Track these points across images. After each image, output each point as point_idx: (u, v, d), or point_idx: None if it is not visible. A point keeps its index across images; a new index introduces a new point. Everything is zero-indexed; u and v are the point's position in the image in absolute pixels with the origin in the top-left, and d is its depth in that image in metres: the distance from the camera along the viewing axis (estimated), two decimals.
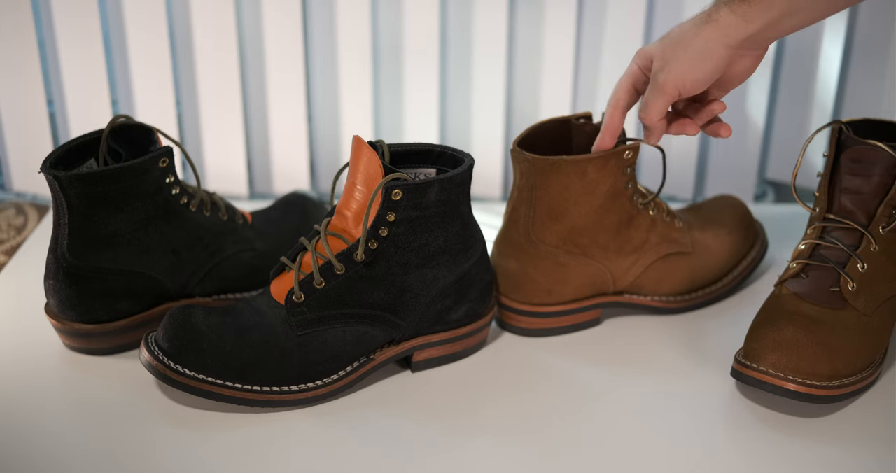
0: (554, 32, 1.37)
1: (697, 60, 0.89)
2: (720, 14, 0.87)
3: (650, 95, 0.93)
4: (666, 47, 0.91)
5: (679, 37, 0.90)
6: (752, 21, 0.86)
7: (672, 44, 0.90)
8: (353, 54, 1.38)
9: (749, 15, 0.86)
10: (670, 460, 0.85)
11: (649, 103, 0.93)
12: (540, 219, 1.00)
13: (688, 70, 0.90)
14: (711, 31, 0.88)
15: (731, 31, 0.87)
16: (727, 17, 0.87)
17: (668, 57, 0.90)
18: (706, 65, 0.89)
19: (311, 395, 0.91)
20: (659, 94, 0.92)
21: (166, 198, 0.97)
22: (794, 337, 0.89)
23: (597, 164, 0.97)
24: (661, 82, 0.91)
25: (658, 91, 0.92)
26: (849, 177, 0.97)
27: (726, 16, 0.87)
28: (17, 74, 1.35)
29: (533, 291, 1.02)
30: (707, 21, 0.88)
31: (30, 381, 0.95)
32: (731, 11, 0.87)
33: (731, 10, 0.87)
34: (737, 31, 0.87)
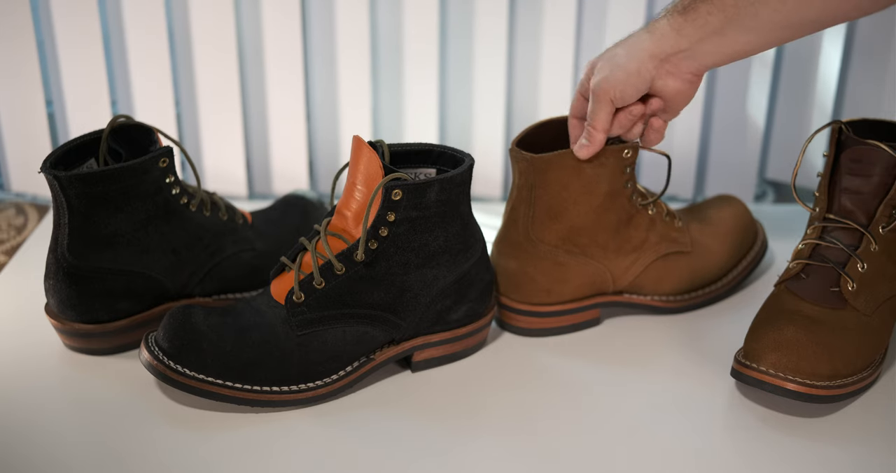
0: (554, 33, 1.37)
1: (625, 68, 0.91)
2: (658, 25, 0.89)
3: (590, 104, 0.94)
4: (603, 55, 0.93)
5: (616, 47, 0.92)
6: (685, 36, 0.88)
7: (609, 52, 0.93)
8: (352, 54, 1.38)
9: (683, 29, 0.88)
10: (670, 460, 0.85)
11: (593, 115, 0.94)
12: (539, 219, 1.00)
13: (617, 78, 0.91)
14: (645, 40, 0.90)
15: (662, 42, 0.89)
16: (663, 27, 0.89)
17: (602, 65, 0.92)
18: (632, 74, 0.91)
19: (311, 395, 0.91)
20: (595, 103, 0.93)
21: (166, 198, 0.97)
22: (794, 337, 0.89)
23: (594, 162, 0.97)
24: (594, 90, 0.93)
25: (594, 100, 0.93)
26: (849, 177, 0.97)
27: (662, 26, 0.89)
28: (17, 75, 1.35)
29: (532, 291, 1.02)
30: (646, 30, 0.90)
31: (30, 381, 0.95)
32: (667, 23, 0.89)
33: (668, 23, 0.89)
34: (668, 44, 0.89)
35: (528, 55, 1.40)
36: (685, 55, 0.89)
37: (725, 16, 0.86)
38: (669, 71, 0.92)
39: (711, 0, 0.87)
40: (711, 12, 0.87)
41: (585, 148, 0.95)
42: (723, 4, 0.86)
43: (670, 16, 0.89)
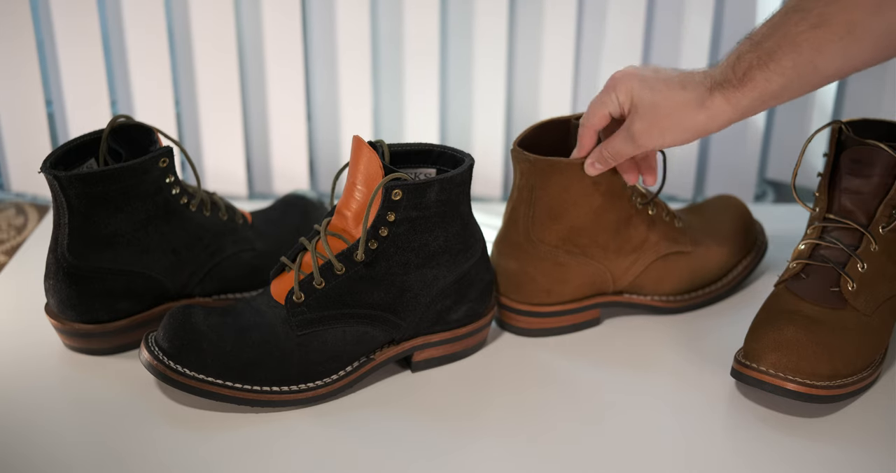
0: (554, 33, 1.37)
1: (678, 135, 0.90)
2: (714, 101, 0.87)
3: (622, 143, 0.93)
4: (653, 110, 0.90)
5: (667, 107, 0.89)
6: (741, 109, 0.87)
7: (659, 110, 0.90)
8: (352, 54, 1.38)
9: (741, 102, 0.86)
10: (670, 459, 0.85)
11: (619, 150, 0.94)
12: (539, 219, 1.00)
13: (668, 140, 0.91)
14: (701, 116, 0.88)
15: (719, 117, 0.88)
16: (720, 105, 0.87)
17: (652, 118, 0.90)
18: (686, 141, 0.91)
19: (311, 395, 0.91)
20: (631, 147, 0.93)
21: (166, 198, 0.97)
22: (794, 337, 0.89)
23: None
24: (638, 139, 0.92)
25: (632, 144, 0.93)
26: (849, 177, 0.97)
27: (719, 104, 0.87)
28: (17, 75, 1.35)
29: (533, 291, 1.02)
30: (699, 106, 0.88)
31: (30, 381, 0.95)
32: (725, 100, 0.87)
33: (726, 99, 0.87)
34: (725, 118, 0.88)
35: (528, 55, 1.40)
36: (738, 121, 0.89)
37: (785, 79, 0.84)
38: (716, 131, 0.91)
39: (767, 66, 0.84)
40: (770, 79, 0.84)
41: (598, 170, 0.96)
42: (781, 68, 0.83)
43: (726, 90, 0.86)
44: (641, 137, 0.92)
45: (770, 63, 0.84)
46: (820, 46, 0.81)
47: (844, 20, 0.80)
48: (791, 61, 0.83)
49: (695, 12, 1.36)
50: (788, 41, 0.82)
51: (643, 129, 0.91)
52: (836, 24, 0.80)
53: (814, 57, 0.82)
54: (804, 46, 0.82)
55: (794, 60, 0.82)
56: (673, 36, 1.38)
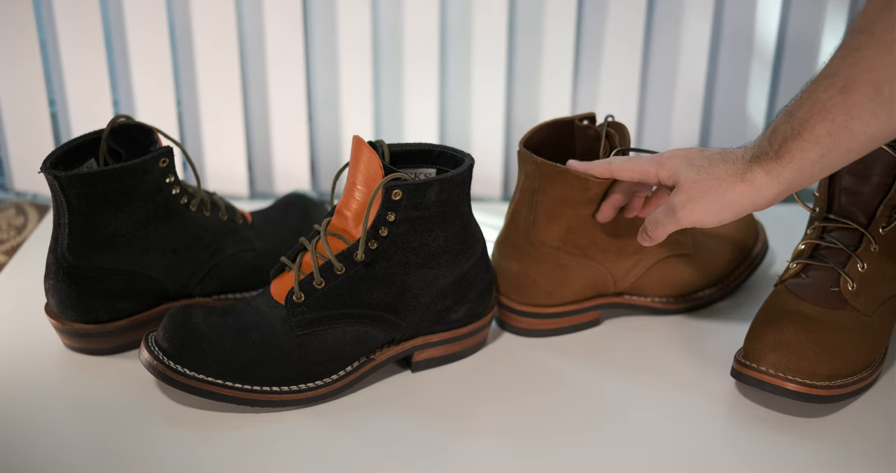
0: (554, 33, 1.37)
1: (723, 212, 0.88)
2: (755, 174, 0.85)
3: (665, 221, 0.92)
4: (695, 186, 0.89)
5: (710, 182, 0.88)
6: (784, 180, 0.85)
7: (701, 185, 0.89)
8: (353, 54, 1.38)
9: (782, 175, 0.84)
10: (670, 460, 0.85)
11: (661, 227, 0.93)
12: (540, 221, 0.99)
13: (711, 216, 0.89)
14: (745, 189, 0.86)
15: (763, 191, 0.86)
16: (761, 178, 0.85)
17: (694, 196, 0.89)
18: (730, 216, 0.89)
19: (311, 395, 0.91)
20: (674, 224, 0.91)
21: (166, 198, 0.97)
22: (794, 337, 0.89)
23: (602, 184, 0.97)
24: (681, 217, 0.90)
25: (675, 222, 0.91)
26: (849, 177, 0.97)
27: (760, 177, 0.85)
28: (19, 74, 1.35)
29: (533, 293, 1.02)
30: (741, 179, 0.86)
31: (30, 381, 0.95)
32: (764, 172, 0.85)
33: (765, 172, 0.85)
34: (769, 192, 0.86)
35: (528, 55, 1.40)
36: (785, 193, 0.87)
37: (823, 147, 0.82)
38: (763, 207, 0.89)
39: (802, 137, 0.82)
40: (806, 148, 0.82)
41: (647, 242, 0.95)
42: (815, 138, 0.82)
43: (763, 162, 0.85)
44: (682, 211, 0.90)
45: (804, 132, 0.82)
46: (850, 110, 0.79)
47: (870, 81, 0.78)
48: (825, 129, 0.81)
49: (695, 12, 1.36)
50: (819, 108, 0.81)
51: (683, 203, 0.89)
52: (862, 85, 0.78)
53: (847, 122, 0.80)
54: (835, 112, 0.80)
55: (828, 128, 0.81)
56: (673, 36, 1.38)
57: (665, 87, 1.42)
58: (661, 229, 0.93)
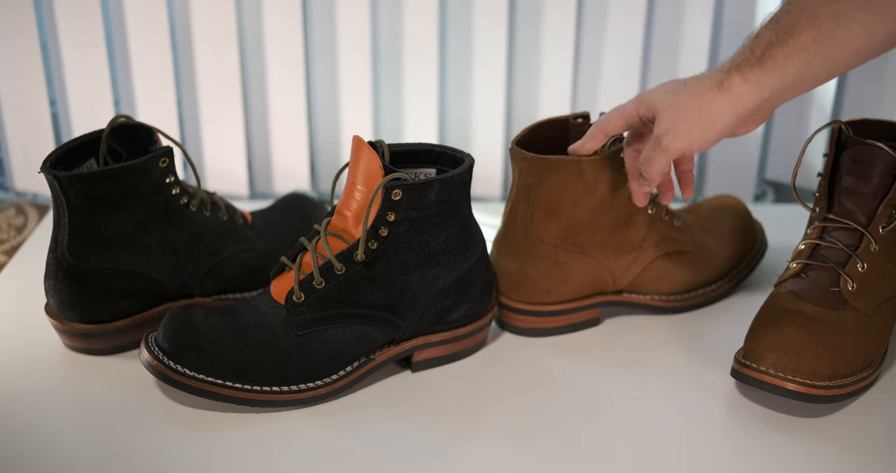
0: (554, 32, 1.37)
1: (706, 127, 0.87)
2: (732, 82, 0.84)
3: (654, 154, 0.91)
4: (674, 109, 0.88)
5: (688, 101, 0.87)
6: (766, 88, 0.83)
7: (680, 107, 0.88)
8: (353, 54, 1.38)
9: (763, 82, 0.83)
10: (670, 460, 0.85)
11: (652, 161, 0.91)
12: (538, 218, 1.00)
13: (696, 136, 0.87)
14: (723, 99, 0.85)
15: (743, 99, 0.84)
16: (740, 85, 0.84)
17: (675, 120, 0.88)
18: (714, 132, 0.87)
19: (311, 395, 0.91)
20: (663, 154, 0.90)
21: (166, 198, 0.97)
22: (794, 337, 0.89)
23: (594, 165, 0.97)
24: (666, 144, 0.89)
25: (662, 151, 0.90)
26: (849, 177, 0.97)
27: (739, 84, 0.84)
28: (20, 75, 1.35)
29: (532, 291, 1.02)
30: (719, 89, 0.85)
31: (30, 381, 0.95)
32: (743, 79, 0.84)
33: (744, 79, 0.84)
34: (749, 99, 0.84)
35: (528, 55, 1.40)
36: (767, 105, 0.85)
37: (807, 54, 0.81)
38: (747, 121, 0.88)
39: (787, 43, 0.81)
40: (790, 55, 0.81)
41: (646, 186, 0.94)
42: (800, 44, 0.80)
43: (743, 69, 0.84)
44: (666, 138, 0.89)
45: (789, 39, 0.81)
46: (839, 17, 0.78)
47: None
48: (811, 36, 0.80)
49: (695, 12, 1.36)
50: (807, 14, 0.79)
51: (666, 130, 0.89)
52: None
53: (833, 29, 0.79)
54: (823, 19, 0.79)
55: (814, 35, 0.79)
56: (673, 36, 1.38)
57: None
58: (653, 164, 0.91)
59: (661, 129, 0.89)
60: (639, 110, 0.92)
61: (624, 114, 0.93)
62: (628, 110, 0.93)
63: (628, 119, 0.93)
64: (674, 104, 0.88)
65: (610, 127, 0.95)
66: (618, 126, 0.94)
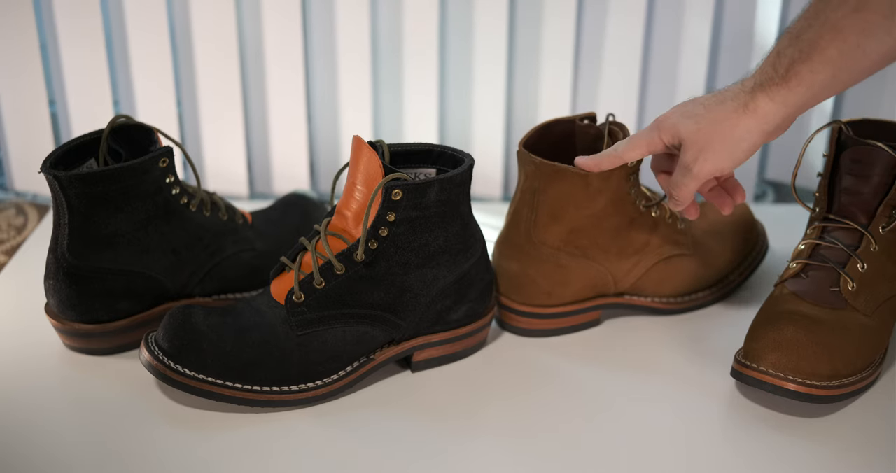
0: (554, 32, 1.37)
1: (735, 149, 0.86)
2: (758, 103, 0.84)
3: (683, 180, 0.90)
4: (700, 135, 0.87)
5: (713, 125, 0.86)
6: (792, 105, 0.83)
7: (706, 132, 0.86)
8: (353, 54, 1.38)
9: (789, 99, 0.82)
10: (670, 460, 0.85)
11: (682, 187, 0.91)
12: (541, 222, 0.99)
13: (725, 158, 0.87)
14: (749, 121, 0.84)
15: (769, 118, 0.84)
16: (766, 105, 0.83)
17: (702, 146, 0.87)
18: (742, 152, 0.86)
19: (311, 395, 0.91)
20: (693, 181, 0.90)
21: (166, 198, 0.97)
22: (794, 337, 0.89)
23: (601, 174, 0.97)
24: (697, 171, 0.88)
25: (692, 178, 0.89)
26: (849, 177, 0.97)
27: (765, 104, 0.83)
28: (19, 75, 1.35)
29: (533, 293, 1.02)
30: (744, 110, 0.84)
31: (30, 381, 0.95)
32: (769, 99, 0.83)
33: (770, 98, 0.83)
34: (776, 118, 0.84)
35: (528, 55, 1.40)
36: (791, 117, 0.85)
37: (833, 68, 0.80)
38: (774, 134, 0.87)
39: (812, 58, 0.80)
40: (816, 71, 0.80)
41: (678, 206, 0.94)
42: (826, 59, 0.79)
43: (768, 89, 0.83)
44: (695, 166, 0.88)
45: (814, 54, 0.80)
46: (864, 29, 0.77)
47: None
48: (836, 49, 0.79)
49: (695, 13, 1.36)
50: (829, 28, 0.79)
51: (694, 158, 0.88)
52: (877, 3, 0.76)
53: (860, 41, 0.78)
54: (848, 31, 0.78)
55: (840, 48, 0.79)
56: (673, 36, 1.38)
57: (665, 87, 1.42)
58: (683, 189, 0.91)
59: (690, 157, 0.88)
60: (662, 138, 0.91)
61: (646, 142, 0.92)
62: (651, 139, 0.92)
63: (651, 147, 0.92)
64: (697, 130, 0.87)
65: (630, 155, 0.94)
66: (639, 154, 0.94)
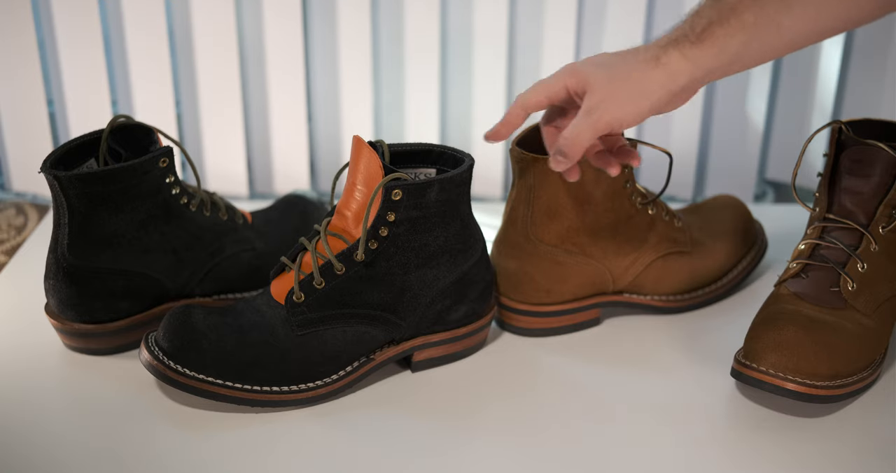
0: (554, 32, 1.37)
1: (638, 102, 0.84)
2: (670, 57, 0.83)
3: (581, 127, 0.85)
4: (606, 81, 0.85)
5: (622, 74, 0.84)
6: (701, 66, 0.82)
7: (613, 79, 0.84)
8: (353, 54, 1.38)
9: (700, 59, 0.82)
10: (670, 460, 0.85)
11: (578, 134, 0.86)
12: (538, 219, 1.00)
13: (626, 112, 0.84)
14: (658, 74, 0.83)
15: (678, 76, 0.83)
16: (678, 62, 0.82)
17: (606, 93, 0.84)
18: (645, 107, 0.84)
19: (311, 395, 0.91)
20: (590, 129, 0.85)
21: (166, 198, 0.97)
22: (794, 337, 0.89)
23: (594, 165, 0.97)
24: (596, 118, 0.85)
25: (590, 125, 0.85)
26: (849, 177, 0.97)
27: (676, 60, 0.82)
28: (17, 74, 1.35)
29: (532, 291, 1.02)
30: (655, 63, 0.83)
31: (30, 381, 0.95)
32: (682, 55, 0.82)
33: (683, 55, 0.82)
34: (684, 78, 0.83)
35: (528, 55, 1.40)
36: (699, 83, 0.84)
37: (747, 35, 0.80)
38: (676, 98, 0.85)
39: (728, 21, 0.80)
40: (731, 34, 0.80)
41: (563, 164, 0.88)
42: (742, 24, 0.80)
43: (682, 45, 0.82)
44: (597, 111, 0.84)
45: (731, 18, 0.80)
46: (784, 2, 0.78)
47: None
48: (753, 16, 0.79)
49: None
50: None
51: (597, 102, 0.84)
52: None
53: (777, 13, 0.78)
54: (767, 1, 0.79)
55: (757, 15, 0.79)
56: None
57: None
58: (578, 139, 0.85)
59: (592, 103, 0.85)
60: (567, 83, 0.87)
61: (549, 88, 0.88)
62: (554, 84, 0.88)
63: (554, 93, 0.88)
64: (607, 77, 0.85)
65: (532, 102, 0.89)
66: (541, 101, 0.89)
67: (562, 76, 0.88)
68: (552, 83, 0.88)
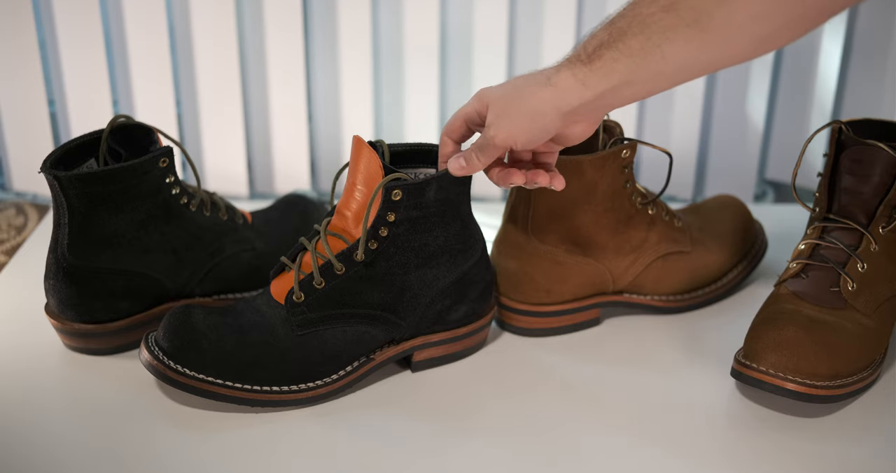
0: (554, 32, 1.37)
1: (529, 122, 0.85)
2: (560, 77, 0.83)
3: (480, 145, 0.88)
4: (502, 101, 0.86)
5: (515, 92, 0.85)
6: (591, 87, 0.82)
7: (509, 99, 0.86)
8: (353, 54, 1.38)
9: (588, 80, 0.82)
10: (670, 460, 0.85)
11: (478, 145, 0.88)
12: (539, 219, 1.00)
13: (518, 130, 0.85)
14: (548, 94, 0.83)
15: (567, 95, 0.83)
16: (566, 80, 0.83)
17: (500, 112, 0.86)
18: (536, 127, 0.85)
19: (311, 395, 0.91)
20: (489, 147, 0.87)
21: (166, 198, 0.97)
22: (794, 337, 0.89)
23: (594, 164, 0.97)
24: (491, 136, 0.86)
25: (488, 144, 0.87)
26: (849, 177, 0.97)
27: (566, 79, 0.83)
28: (18, 74, 1.35)
29: (532, 291, 1.02)
30: (547, 83, 0.84)
31: (30, 381, 0.95)
32: (572, 75, 0.82)
33: (573, 74, 0.82)
34: (573, 97, 0.83)
35: (529, 55, 1.40)
36: (591, 106, 0.84)
37: (633, 62, 0.80)
38: (575, 120, 0.85)
39: (616, 46, 0.80)
40: (617, 59, 0.81)
41: (463, 170, 0.89)
42: (629, 50, 0.80)
43: (573, 66, 0.83)
44: (491, 129, 0.86)
45: (619, 42, 0.80)
46: (667, 30, 0.78)
47: (691, 6, 0.77)
48: (639, 43, 0.79)
49: None
50: (639, 21, 0.79)
51: (491, 121, 0.86)
52: (683, 10, 0.77)
53: (661, 42, 0.79)
54: (653, 29, 0.79)
55: (642, 43, 0.79)
56: None
57: None
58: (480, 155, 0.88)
59: (489, 120, 0.87)
60: (476, 107, 0.89)
61: (464, 114, 0.91)
62: (468, 109, 0.90)
63: (468, 118, 0.90)
64: (504, 97, 0.86)
65: (453, 130, 0.92)
66: (460, 127, 0.92)
67: (472, 101, 0.90)
68: (466, 108, 0.90)
